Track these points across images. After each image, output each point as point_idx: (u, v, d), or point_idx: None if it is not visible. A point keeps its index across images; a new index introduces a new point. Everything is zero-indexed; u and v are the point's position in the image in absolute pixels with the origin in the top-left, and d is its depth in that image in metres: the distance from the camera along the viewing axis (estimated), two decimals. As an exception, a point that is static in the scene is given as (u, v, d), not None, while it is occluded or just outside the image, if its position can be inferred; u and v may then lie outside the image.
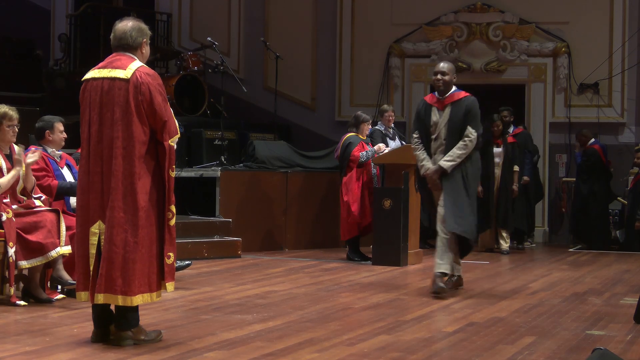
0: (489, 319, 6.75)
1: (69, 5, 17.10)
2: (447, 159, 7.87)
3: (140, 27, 5.53)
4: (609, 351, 4.61)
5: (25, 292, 7.03)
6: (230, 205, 11.53)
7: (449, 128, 7.95)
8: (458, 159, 7.84)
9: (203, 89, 14.08)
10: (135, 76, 5.36)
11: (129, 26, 5.51)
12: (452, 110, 7.99)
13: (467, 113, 7.92)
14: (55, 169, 7.57)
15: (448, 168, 7.85)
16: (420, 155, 8.09)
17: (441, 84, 8.01)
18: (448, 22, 14.83)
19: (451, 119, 7.95)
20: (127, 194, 5.29)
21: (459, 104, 7.99)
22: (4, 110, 7.05)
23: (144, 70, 5.41)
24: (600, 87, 14.19)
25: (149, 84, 5.35)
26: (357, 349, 5.51)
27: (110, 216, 5.29)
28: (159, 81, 5.43)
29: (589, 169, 13.15)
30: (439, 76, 8.03)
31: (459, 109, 7.95)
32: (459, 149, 7.86)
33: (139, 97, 5.34)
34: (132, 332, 5.43)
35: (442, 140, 7.97)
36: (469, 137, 7.87)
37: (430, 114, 8.08)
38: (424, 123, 8.09)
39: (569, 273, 10.00)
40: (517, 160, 12.20)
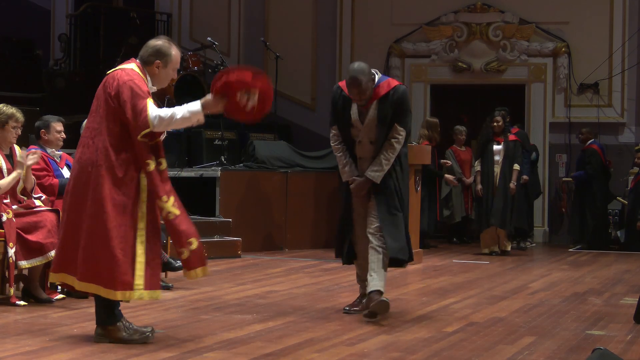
0: (489, 319, 6.75)
1: (69, 5, 17.10)
2: (375, 168, 6.56)
3: (161, 49, 5.54)
4: (609, 351, 4.61)
5: (25, 292, 7.03)
6: (230, 205, 11.53)
7: (377, 130, 6.56)
8: (386, 165, 6.57)
9: (203, 89, 14.06)
10: (113, 73, 5.46)
11: (151, 43, 5.58)
12: (380, 108, 6.52)
13: (395, 109, 6.51)
14: (55, 169, 7.58)
15: (377, 179, 6.58)
16: (343, 158, 6.66)
17: (362, 100, 6.49)
18: (448, 22, 14.84)
19: (379, 119, 6.54)
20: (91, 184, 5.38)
21: (386, 100, 6.51)
22: (12, 111, 7.07)
23: (128, 70, 5.46)
24: (600, 87, 14.20)
25: (119, 78, 5.40)
26: (357, 349, 5.51)
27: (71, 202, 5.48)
28: (131, 77, 5.39)
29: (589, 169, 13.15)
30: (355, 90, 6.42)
31: (387, 106, 6.52)
32: (386, 153, 6.55)
33: (108, 90, 5.42)
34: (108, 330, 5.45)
35: (368, 144, 6.63)
36: (396, 138, 6.54)
37: (350, 113, 6.58)
38: (342, 121, 6.63)
39: (569, 273, 10.00)
40: (517, 159, 11.87)
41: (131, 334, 5.45)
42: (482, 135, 11.88)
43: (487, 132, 11.78)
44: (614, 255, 12.37)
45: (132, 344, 5.39)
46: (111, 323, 5.45)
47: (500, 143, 11.84)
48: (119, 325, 5.45)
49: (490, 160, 11.78)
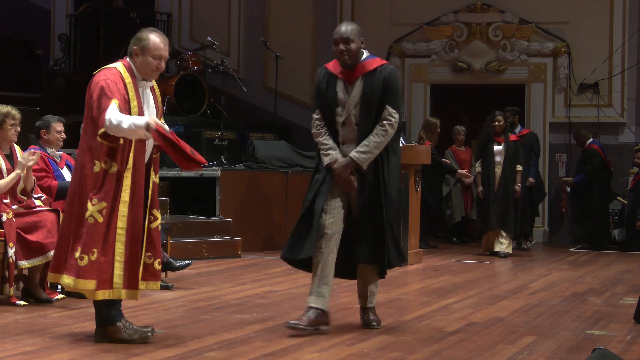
0: (489, 319, 6.75)
1: (69, 5, 17.11)
2: (362, 150, 5.87)
3: (139, 36, 5.51)
4: (609, 351, 4.61)
5: (25, 292, 7.03)
6: (230, 205, 11.53)
7: (362, 109, 5.93)
8: (376, 150, 5.88)
9: (203, 89, 14.08)
10: (96, 74, 5.48)
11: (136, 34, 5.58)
12: (366, 84, 5.93)
13: (385, 88, 5.90)
14: (55, 169, 7.57)
15: (363, 162, 5.87)
16: (325, 141, 5.98)
17: (347, 57, 5.93)
18: (448, 22, 14.84)
19: (364, 96, 5.92)
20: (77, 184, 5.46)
21: (373, 76, 5.94)
22: (7, 110, 7.08)
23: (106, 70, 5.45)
24: (600, 87, 14.19)
25: (95, 78, 5.42)
26: (357, 349, 5.51)
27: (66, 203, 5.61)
28: (107, 77, 5.37)
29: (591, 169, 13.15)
30: (342, 46, 5.92)
31: (375, 83, 5.92)
32: (376, 136, 5.87)
33: (89, 91, 5.45)
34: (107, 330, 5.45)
35: (352, 127, 5.96)
36: (389, 120, 5.88)
37: (335, 89, 5.97)
38: (326, 101, 6.00)
39: (569, 273, 10.00)
40: (520, 160, 11.69)
41: (131, 334, 5.45)
42: (482, 135, 11.76)
43: (487, 131, 11.67)
44: (614, 255, 12.37)
45: (132, 344, 5.39)
46: (111, 323, 5.45)
47: (500, 143, 11.64)
48: (118, 326, 5.45)
49: (491, 161, 11.61)
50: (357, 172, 5.92)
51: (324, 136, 6.02)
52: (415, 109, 14.99)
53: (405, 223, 10.18)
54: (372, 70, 5.95)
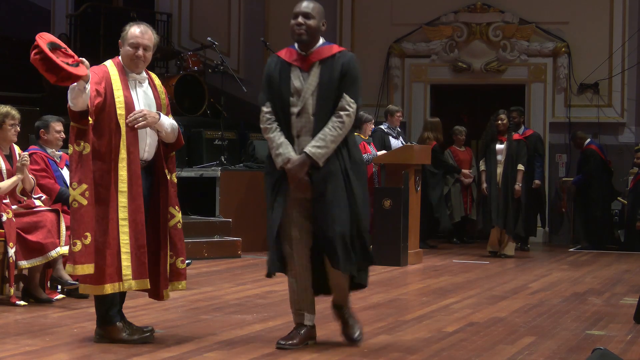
0: (489, 319, 6.75)
1: (69, 5, 17.10)
2: (317, 144, 5.28)
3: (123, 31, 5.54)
4: (609, 351, 4.61)
5: (25, 292, 7.03)
6: (230, 205, 11.53)
7: (319, 98, 5.37)
8: (332, 143, 5.29)
9: (203, 89, 14.08)
10: None
11: None
12: (323, 71, 5.42)
13: (343, 75, 5.38)
14: (54, 170, 7.57)
15: (320, 158, 5.28)
16: (276, 138, 5.37)
17: (304, 32, 5.47)
18: (448, 22, 14.84)
19: (321, 84, 5.39)
20: None
21: (331, 63, 5.43)
22: (6, 110, 7.09)
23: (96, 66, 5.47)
24: (600, 87, 14.19)
25: None
26: (357, 349, 5.51)
27: None
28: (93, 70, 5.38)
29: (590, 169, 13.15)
30: (301, 19, 5.52)
31: (333, 70, 5.40)
32: (333, 129, 5.30)
33: None
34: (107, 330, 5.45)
35: (309, 117, 5.38)
36: (347, 111, 5.33)
37: (290, 78, 5.45)
38: (279, 90, 5.45)
39: (569, 273, 10.00)
40: (522, 159, 11.50)
41: (131, 334, 5.45)
42: (486, 133, 11.68)
43: (490, 130, 11.59)
44: (614, 255, 12.37)
45: (132, 344, 5.39)
46: (110, 323, 5.45)
47: (503, 142, 11.52)
48: (118, 326, 5.45)
49: (493, 160, 11.48)
50: (315, 170, 5.29)
51: (274, 132, 5.40)
52: (415, 109, 14.99)
53: (405, 223, 10.18)
54: (330, 56, 5.45)
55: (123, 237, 5.32)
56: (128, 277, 5.33)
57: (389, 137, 11.50)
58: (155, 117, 5.47)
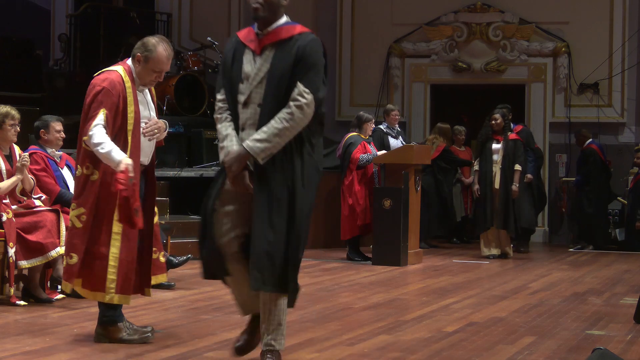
0: (489, 319, 6.75)
1: (69, 5, 17.10)
2: (258, 137, 4.54)
3: (146, 43, 5.48)
4: (609, 351, 4.61)
5: (25, 292, 7.03)
6: (230, 205, 11.50)
7: (269, 86, 4.61)
8: (277, 138, 4.52)
9: (203, 89, 14.07)
10: (96, 77, 5.48)
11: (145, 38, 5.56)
12: (277, 54, 4.65)
13: (298, 61, 4.60)
14: (54, 170, 7.57)
15: (259, 153, 4.53)
16: (223, 129, 4.71)
17: (260, 6, 4.70)
18: (448, 22, 14.84)
19: (273, 69, 4.62)
20: None
21: (287, 45, 4.66)
22: (6, 110, 7.10)
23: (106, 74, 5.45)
24: (600, 87, 14.19)
25: (93, 83, 5.43)
26: (357, 349, 5.51)
27: None
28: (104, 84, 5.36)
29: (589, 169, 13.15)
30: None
31: (288, 53, 4.63)
32: (279, 121, 4.53)
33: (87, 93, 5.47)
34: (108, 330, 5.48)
35: (255, 107, 4.63)
36: (298, 101, 4.54)
37: (242, 61, 4.70)
38: (230, 76, 4.74)
39: (569, 273, 10.00)
40: (519, 159, 11.43)
41: (131, 334, 5.46)
42: (481, 134, 11.66)
43: (486, 130, 11.56)
44: (614, 255, 12.37)
45: (132, 344, 5.39)
46: (111, 323, 5.45)
47: (499, 142, 11.41)
48: (119, 325, 5.45)
49: (489, 160, 11.39)
50: (258, 168, 4.59)
51: (223, 122, 4.72)
52: (415, 109, 14.99)
53: (405, 223, 10.18)
54: (286, 38, 4.67)
55: (113, 250, 5.37)
56: (112, 291, 5.37)
57: (388, 137, 11.51)
58: (164, 126, 5.53)
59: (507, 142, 11.41)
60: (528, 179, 12.25)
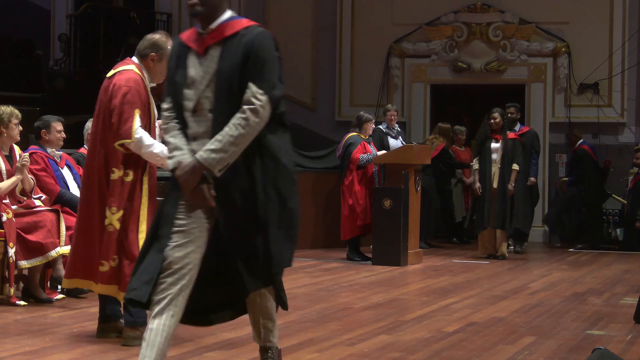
0: (489, 319, 6.75)
1: (69, 5, 17.10)
2: (212, 147, 4.03)
3: (155, 41, 5.53)
4: (609, 351, 4.61)
5: (25, 292, 7.03)
6: (230, 205, 11.50)
7: (217, 89, 4.12)
8: (233, 147, 4.03)
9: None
10: (115, 76, 5.47)
11: (148, 36, 5.59)
12: (223, 54, 4.13)
13: (246, 58, 4.08)
14: (55, 170, 7.57)
15: (214, 165, 4.04)
16: (172, 139, 4.20)
17: (197, 3, 4.15)
18: (448, 22, 14.84)
19: (220, 72, 4.12)
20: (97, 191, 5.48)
21: (233, 43, 4.12)
22: (11, 109, 7.13)
23: (126, 74, 5.46)
24: (600, 87, 14.19)
25: (118, 84, 5.42)
26: (357, 349, 5.51)
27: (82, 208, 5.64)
28: (131, 86, 5.39)
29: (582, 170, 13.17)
30: None
31: (235, 51, 4.11)
32: (233, 128, 4.03)
33: (108, 94, 5.45)
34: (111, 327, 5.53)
35: (206, 114, 4.14)
36: (252, 105, 4.04)
37: (187, 65, 4.20)
38: (175, 81, 4.24)
39: (569, 273, 10.00)
40: (517, 158, 11.36)
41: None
42: (480, 133, 11.62)
43: (484, 129, 11.52)
44: (614, 255, 12.37)
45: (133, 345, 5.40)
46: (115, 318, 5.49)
47: (498, 141, 11.34)
48: (122, 321, 5.49)
49: (488, 159, 11.33)
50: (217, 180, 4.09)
51: (171, 132, 4.22)
52: (415, 109, 14.99)
53: (405, 223, 10.18)
54: (231, 34, 4.13)
55: None
56: None
57: (387, 137, 11.51)
58: None
59: (506, 141, 11.36)
60: (531, 182, 12.22)
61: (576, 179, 13.26)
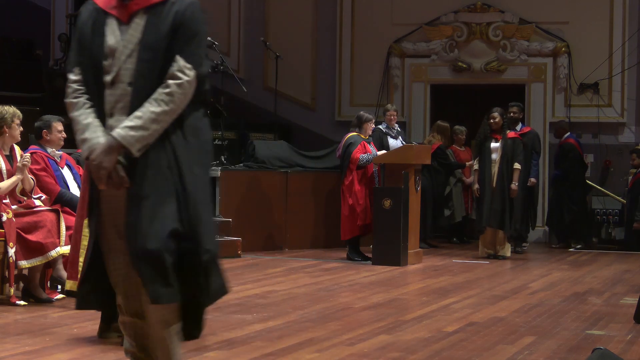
0: (489, 319, 6.75)
1: (69, 5, 17.10)
2: (131, 124, 3.58)
3: None
4: (609, 351, 4.62)
5: (25, 292, 7.03)
6: (230, 205, 11.53)
7: (140, 60, 3.68)
8: (154, 124, 3.59)
9: (203, 89, 14.07)
10: None
11: None
12: (149, 23, 3.71)
13: (176, 29, 3.69)
14: (55, 169, 7.58)
15: (133, 143, 3.57)
16: (82, 117, 3.70)
17: None
18: (448, 22, 14.83)
19: (144, 42, 3.69)
20: None
21: (161, 12, 3.71)
22: (13, 109, 7.14)
23: None
24: (600, 87, 14.19)
25: None
26: (357, 349, 5.51)
27: None
28: None
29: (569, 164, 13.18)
30: None
31: (162, 21, 3.70)
32: (155, 104, 3.60)
33: None
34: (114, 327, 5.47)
35: (124, 87, 3.68)
36: (178, 79, 3.63)
37: (104, 33, 3.74)
38: (90, 50, 3.75)
39: (569, 273, 10.00)
40: (518, 158, 11.31)
41: None
42: (480, 133, 11.60)
43: (484, 129, 11.51)
44: (614, 255, 12.37)
45: None
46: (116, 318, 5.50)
47: (498, 141, 11.30)
48: None
49: (488, 159, 11.29)
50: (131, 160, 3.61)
51: (80, 109, 3.72)
52: (415, 109, 14.99)
53: (405, 223, 10.18)
54: (160, 2, 3.72)
55: None
56: None
57: (387, 137, 11.51)
58: None
59: (506, 140, 11.33)
60: (531, 183, 12.20)
61: (562, 173, 13.28)
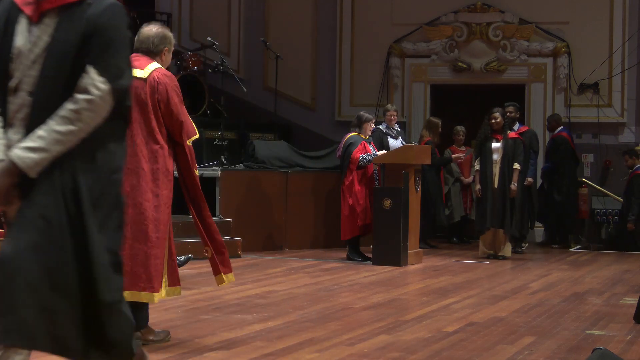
0: (489, 319, 6.75)
1: None
2: (31, 145, 3.09)
3: (165, 34, 5.58)
4: (609, 351, 4.62)
5: None
6: (230, 205, 11.53)
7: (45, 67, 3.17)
8: (59, 146, 3.10)
9: (203, 89, 14.08)
10: (153, 76, 5.43)
11: (153, 32, 5.57)
12: (60, 25, 3.19)
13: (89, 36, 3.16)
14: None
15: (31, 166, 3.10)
16: None
17: None
18: (448, 22, 14.84)
19: (52, 46, 3.18)
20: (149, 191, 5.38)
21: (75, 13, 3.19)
22: None
23: (161, 71, 5.49)
24: (600, 87, 14.19)
25: (166, 84, 5.43)
26: (357, 349, 5.51)
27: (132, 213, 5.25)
28: (175, 82, 5.51)
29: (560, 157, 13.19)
30: None
31: (75, 24, 3.18)
32: (60, 122, 3.11)
33: (157, 96, 5.42)
34: (141, 333, 5.44)
35: (24, 96, 3.19)
36: (88, 95, 3.12)
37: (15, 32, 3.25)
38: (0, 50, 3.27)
39: (569, 273, 10.00)
40: (518, 158, 11.33)
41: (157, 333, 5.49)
42: (481, 133, 11.60)
43: (485, 129, 11.51)
44: (614, 255, 12.37)
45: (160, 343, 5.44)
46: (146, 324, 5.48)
47: (499, 141, 11.32)
48: (149, 327, 5.49)
49: (489, 159, 11.30)
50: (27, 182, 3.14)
51: None
52: (415, 109, 14.99)
53: (405, 223, 10.19)
54: (75, 2, 3.20)
55: None
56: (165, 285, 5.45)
57: (387, 137, 11.50)
58: None
59: (507, 140, 11.34)
60: (528, 182, 12.19)
61: (552, 166, 13.29)
